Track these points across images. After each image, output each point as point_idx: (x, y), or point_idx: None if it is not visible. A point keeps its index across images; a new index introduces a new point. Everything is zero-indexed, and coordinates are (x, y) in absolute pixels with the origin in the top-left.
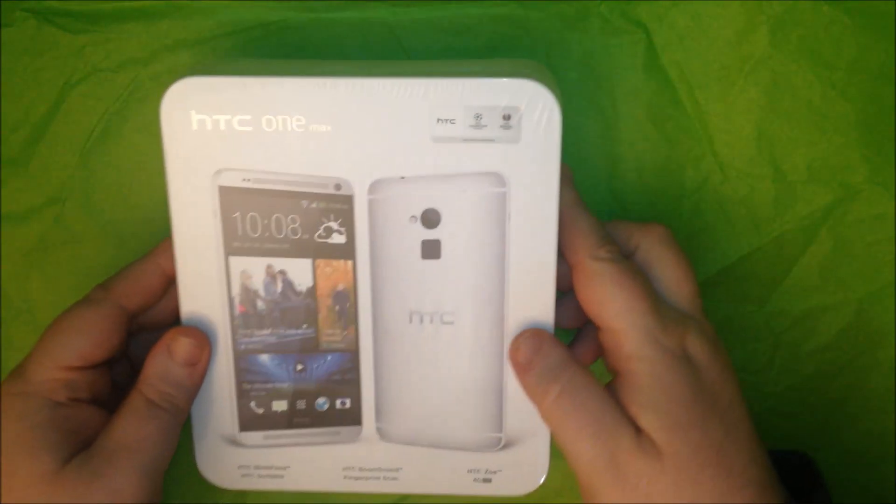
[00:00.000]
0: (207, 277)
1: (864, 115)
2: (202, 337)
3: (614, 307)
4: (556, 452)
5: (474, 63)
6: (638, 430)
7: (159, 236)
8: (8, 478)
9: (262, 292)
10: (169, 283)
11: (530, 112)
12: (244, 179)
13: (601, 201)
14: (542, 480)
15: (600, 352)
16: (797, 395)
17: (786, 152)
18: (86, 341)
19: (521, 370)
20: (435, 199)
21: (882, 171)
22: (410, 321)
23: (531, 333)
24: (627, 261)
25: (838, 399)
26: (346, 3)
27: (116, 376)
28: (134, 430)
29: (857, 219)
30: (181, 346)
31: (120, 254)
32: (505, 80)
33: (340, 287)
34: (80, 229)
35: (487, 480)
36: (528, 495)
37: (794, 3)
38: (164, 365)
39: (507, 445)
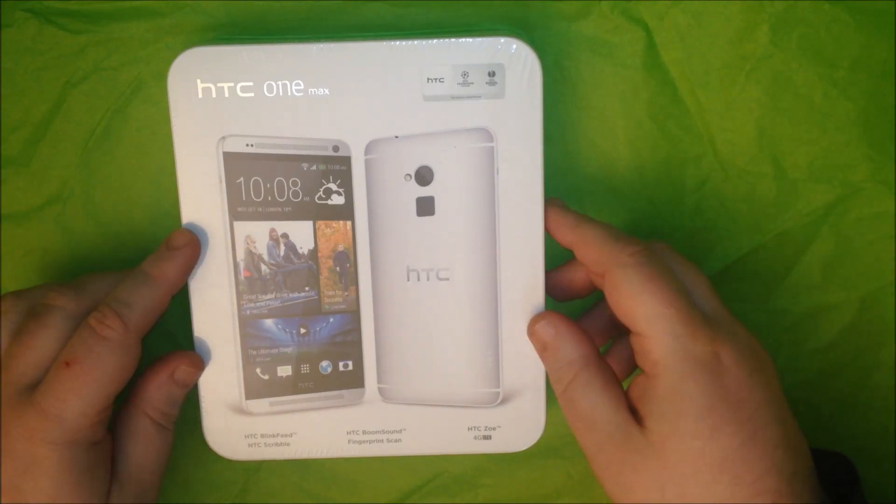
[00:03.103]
0: (214, 244)
1: (865, 113)
2: (199, 360)
3: (643, 313)
4: (554, 453)
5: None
6: (640, 429)
7: (160, 236)
8: None
9: (265, 256)
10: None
11: (513, 68)
12: (247, 145)
13: (601, 201)
14: (539, 435)
15: (614, 332)
16: (799, 394)
17: (787, 150)
18: (118, 383)
19: (539, 352)
20: (427, 156)
21: (883, 169)
22: (408, 279)
23: (548, 320)
24: (655, 261)
25: (840, 398)
26: (345, 3)
27: None
28: (154, 454)
29: (859, 217)
30: (185, 374)
31: (120, 254)
32: (489, 38)
33: (340, 248)
34: (80, 229)
35: (487, 437)
36: (529, 488)
37: (795, 2)
38: (167, 390)
39: (505, 400)
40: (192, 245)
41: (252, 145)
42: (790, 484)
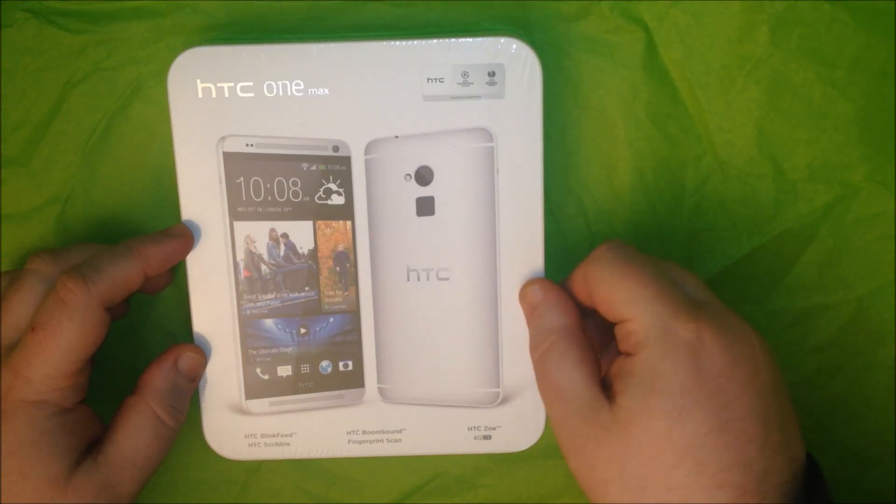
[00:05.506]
0: (213, 244)
1: (864, 113)
2: (202, 351)
3: (623, 298)
4: (554, 453)
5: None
6: (610, 405)
7: None
8: (22, 480)
9: (265, 256)
10: (146, 280)
11: (513, 68)
12: (247, 145)
13: (601, 201)
14: (539, 435)
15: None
16: (797, 394)
17: (786, 151)
18: (82, 348)
19: (527, 316)
20: (427, 156)
21: (882, 170)
22: (408, 279)
23: (539, 285)
24: (629, 250)
25: (838, 398)
26: (345, 3)
27: None
28: (144, 447)
29: (858, 217)
30: (189, 361)
31: None
32: (489, 38)
33: (340, 248)
34: (80, 229)
35: (487, 437)
36: (529, 488)
37: (794, 2)
38: (172, 380)
39: (505, 400)
40: (186, 238)
41: (252, 145)
42: (758, 483)
